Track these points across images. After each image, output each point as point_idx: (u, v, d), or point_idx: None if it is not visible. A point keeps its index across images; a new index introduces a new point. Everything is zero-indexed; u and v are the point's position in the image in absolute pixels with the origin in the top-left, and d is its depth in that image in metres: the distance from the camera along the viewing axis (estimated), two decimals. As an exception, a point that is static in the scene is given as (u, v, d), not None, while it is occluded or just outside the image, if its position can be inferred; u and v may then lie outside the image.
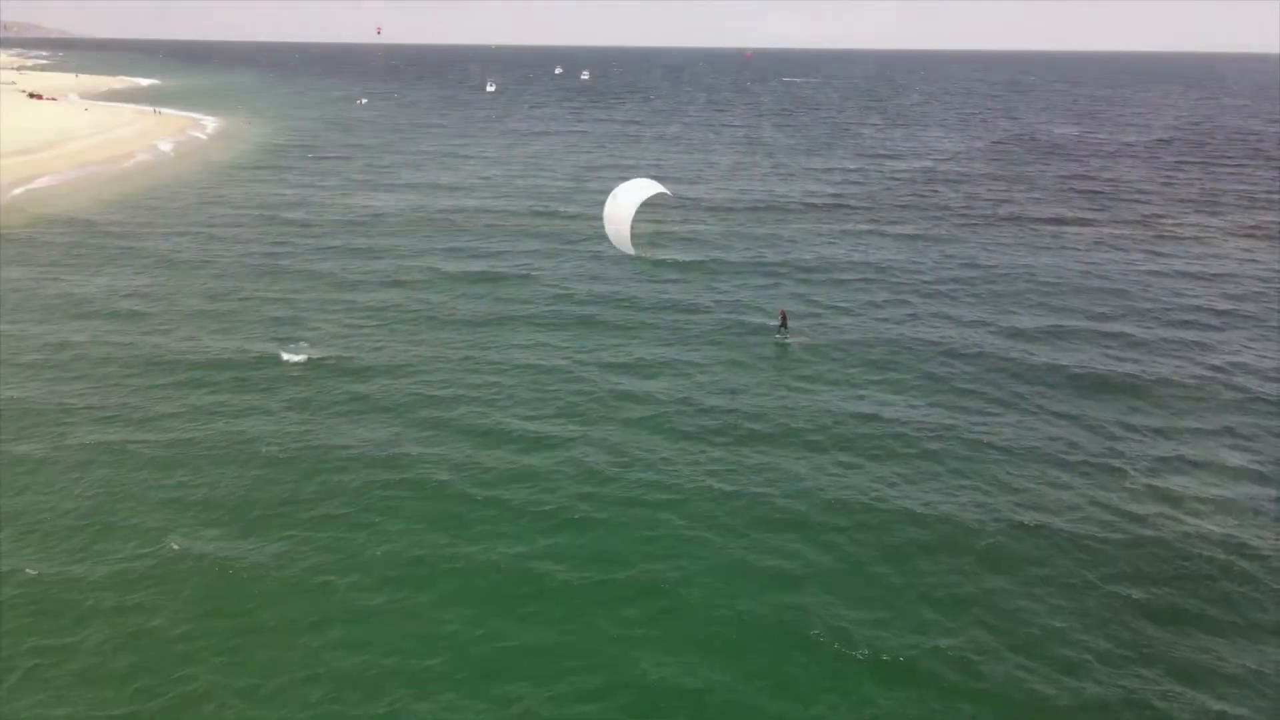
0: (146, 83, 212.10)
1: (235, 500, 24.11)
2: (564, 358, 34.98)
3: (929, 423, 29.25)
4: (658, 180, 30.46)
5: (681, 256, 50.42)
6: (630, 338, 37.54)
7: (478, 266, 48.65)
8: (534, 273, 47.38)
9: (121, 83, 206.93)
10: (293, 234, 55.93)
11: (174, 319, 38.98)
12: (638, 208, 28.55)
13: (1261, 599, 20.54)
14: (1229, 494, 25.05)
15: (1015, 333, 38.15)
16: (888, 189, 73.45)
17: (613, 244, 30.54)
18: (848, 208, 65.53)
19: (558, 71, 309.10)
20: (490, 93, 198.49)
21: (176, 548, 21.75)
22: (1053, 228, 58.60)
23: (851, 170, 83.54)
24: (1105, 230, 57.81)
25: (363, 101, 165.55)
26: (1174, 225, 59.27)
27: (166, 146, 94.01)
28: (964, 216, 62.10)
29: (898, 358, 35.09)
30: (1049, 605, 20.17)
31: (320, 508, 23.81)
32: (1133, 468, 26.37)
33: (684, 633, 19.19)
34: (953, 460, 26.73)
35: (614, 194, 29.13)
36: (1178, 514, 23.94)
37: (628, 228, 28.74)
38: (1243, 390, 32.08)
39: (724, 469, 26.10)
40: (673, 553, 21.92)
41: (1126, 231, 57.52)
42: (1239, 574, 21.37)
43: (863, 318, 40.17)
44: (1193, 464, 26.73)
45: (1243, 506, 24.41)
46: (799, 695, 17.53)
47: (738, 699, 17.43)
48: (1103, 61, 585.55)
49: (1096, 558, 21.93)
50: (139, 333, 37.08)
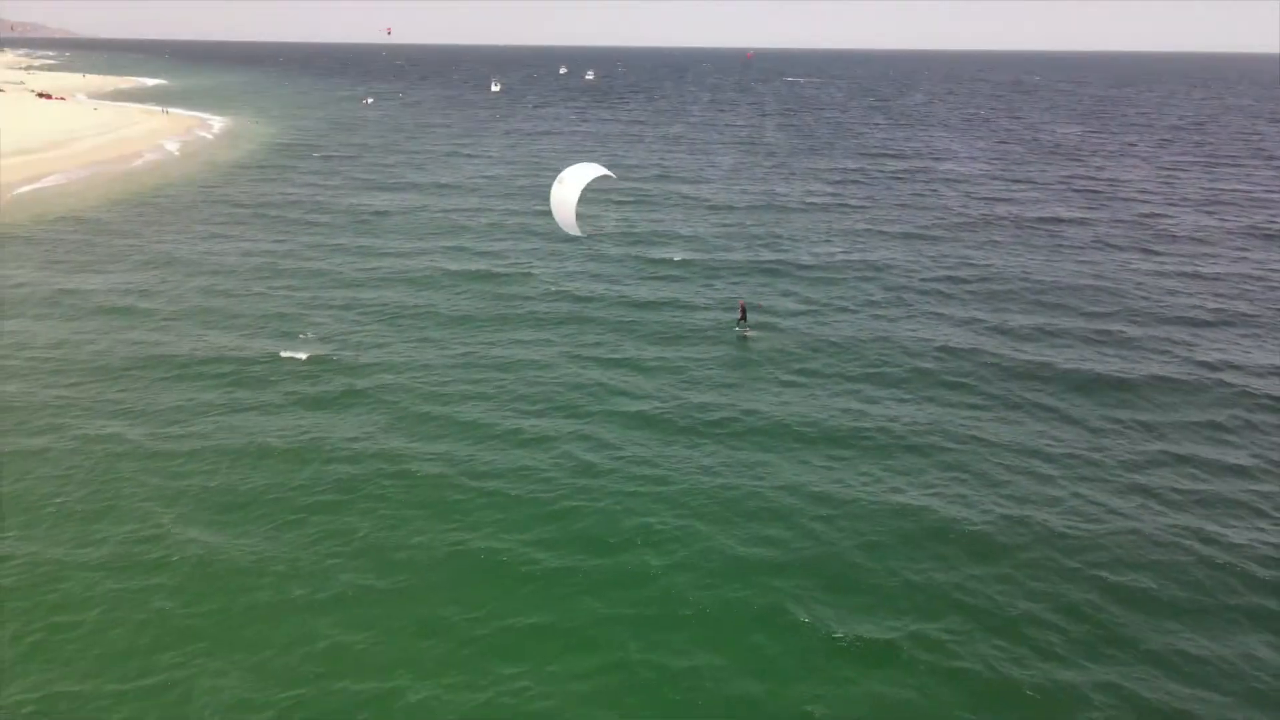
0: (152, 82, 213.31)
1: (235, 489, 24.72)
2: (561, 354, 35.54)
3: (916, 417, 29.75)
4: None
5: (680, 255, 50.99)
6: (627, 334, 38.10)
7: (478, 265, 49.23)
8: (534, 271, 47.94)
9: (128, 82, 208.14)
10: (296, 232, 56.60)
11: (176, 316, 39.62)
12: (581, 190, 29.74)
13: (1239, 590, 21.00)
14: (1212, 489, 25.51)
15: (1006, 330, 38.61)
16: (888, 188, 73.88)
17: (560, 227, 31.45)
18: (847, 207, 65.99)
19: (562, 71, 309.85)
20: (495, 92, 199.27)
21: (177, 534, 22.37)
22: (1050, 227, 58.98)
23: (852, 170, 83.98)
24: (1102, 230, 58.17)
25: (368, 101, 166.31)
26: (1172, 225, 59.61)
27: (173, 146, 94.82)
28: (962, 216, 62.51)
29: (888, 354, 35.58)
30: (1027, 594, 20.67)
31: (319, 496, 24.42)
32: (1117, 462, 26.85)
33: (671, 617, 19.78)
34: (938, 454, 27.24)
35: (560, 178, 30.14)
36: (1160, 507, 24.43)
37: (572, 210, 29.89)
38: (1230, 387, 32.49)
39: (715, 462, 26.64)
40: (661, 541, 22.49)
41: (1123, 231, 57.88)
42: (1218, 566, 21.83)
43: (858, 314, 40.66)
44: (1179, 459, 27.19)
45: (1225, 501, 24.87)
46: (781, 676, 18.10)
47: (722, 679, 18.01)
48: (1104, 62, 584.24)
49: (1077, 549, 22.41)
50: (144, 329, 37.73)
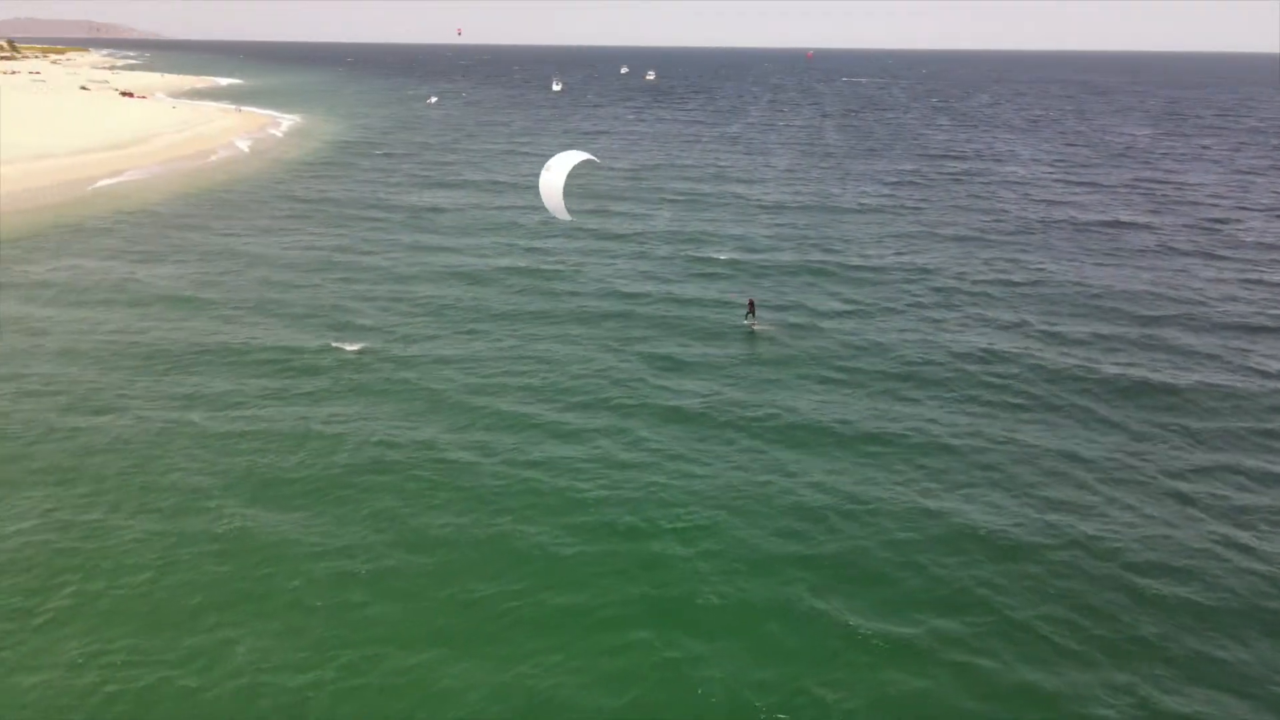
0: (226, 81, 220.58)
1: (282, 469, 25.77)
2: (604, 349, 36.10)
3: (955, 419, 29.57)
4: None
5: (728, 255, 51.20)
6: (670, 331, 38.47)
7: (528, 261, 50.09)
8: (582, 268, 48.62)
9: (204, 82, 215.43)
10: (353, 228, 58.25)
11: (234, 305, 41.21)
12: (567, 174, 31.85)
13: (1274, 600, 20.54)
14: (1257, 499, 24.90)
15: (1053, 334, 38.01)
16: (945, 190, 72.96)
17: (551, 213, 33.62)
18: (901, 208, 65.38)
19: (623, 71, 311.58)
20: (556, 91, 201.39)
21: (225, 507, 23.47)
22: (1110, 231, 57.70)
23: (909, 171, 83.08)
24: (1165, 234, 56.67)
25: (433, 100, 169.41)
26: (1239, 230, 57.80)
27: (244, 144, 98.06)
28: (1020, 219, 61.48)
29: (931, 355, 35.34)
30: (1053, 596, 20.53)
31: (361, 477, 25.34)
32: (1158, 468, 26.37)
33: (696, 602, 20.23)
34: (974, 455, 27.07)
35: (547, 165, 31.99)
36: (1199, 514, 23.95)
37: (560, 195, 31.81)
38: (1286, 397, 31.57)
39: (748, 459, 26.89)
40: (690, 531, 22.89)
41: (1187, 236, 56.32)
42: (1258, 575, 21.36)
43: (903, 315, 40.42)
44: (1224, 468, 26.58)
45: (1270, 510, 24.25)
46: (799, 663, 18.38)
47: (741, 663, 18.39)
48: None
49: (1108, 555, 22.13)
50: (203, 318, 39.33)
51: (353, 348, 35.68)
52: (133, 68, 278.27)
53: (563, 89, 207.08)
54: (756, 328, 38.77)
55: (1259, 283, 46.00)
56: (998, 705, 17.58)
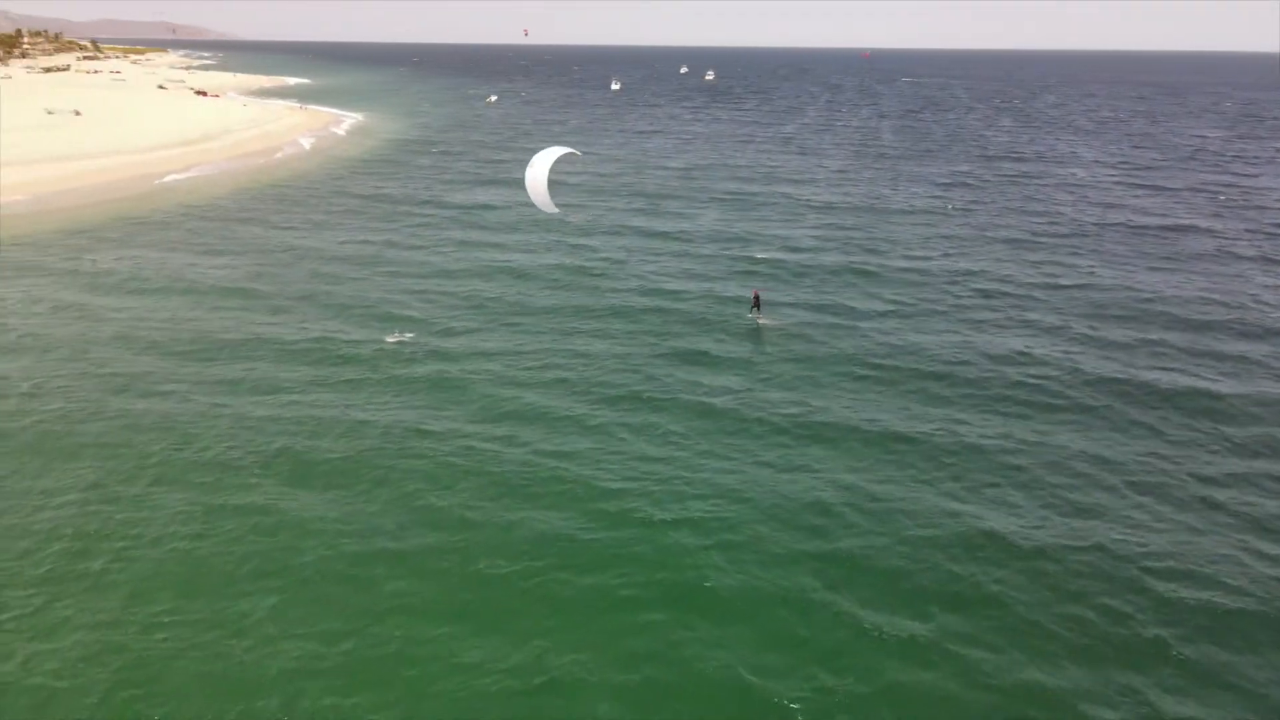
0: (294, 81, 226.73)
1: (320, 452, 26.74)
2: (642, 346, 36.53)
3: (987, 421, 29.32)
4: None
5: (773, 255, 51.23)
6: (708, 330, 38.72)
7: (573, 259, 50.76)
8: (625, 265, 49.12)
9: (273, 81, 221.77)
10: (404, 224, 59.67)
11: (285, 298, 42.63)
12: (550, 167, 33.48)
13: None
14: (1294, 508, 24.28)
15: (1095, 338, 37.32)
16: (1000, 192, 71.79)
17: (538, 207, 35.02)
18: (953, 210, 64.56)
19: (683, 71, 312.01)
20: (614, 91, 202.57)
21: (265, 486, 24.52)
22: (1169, 235, 56.23)
23: (963, 173, 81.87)
24: (1226, 240, 55.03)
25: (493, 99, 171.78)
26: (1305, 236, 55.83)
27: (307, 141, 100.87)
28: (1074, 222, 60.25)
29: (967, 357, 35.00)
30: (1069, 599, 20.38)
31: (396, 463, 26.18)
32: (1191, 475, 25.85)
33: (712, 590, 20.60)
34: (1002, 456, 26.86)
35: (530, 162, 33.32)
36: (1230, 523, 23.45)
37: (545, 188, 33.28)
38: (1337, 407, 30.59)
39: (775, 456, 27.07)
40: (710, 523, 23.19)
41: (1250, 241, 54.60)
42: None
43: (944, 317, 40.06)
44: (1266, 476, 25.92)
45: (1306, 521, 23.65)
46: (807, 654, 18.62)
47: (751, 650, 18.71)
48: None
49: (1131, 561, 21.83)
50: (255, 310, 40.79)
51: (395, 339, 36.70)
52: (207, 67, 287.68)
53: (621, 88, 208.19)
54: (762, 321, 38.91)
55: (1321, 290, 44.48)
56: (1006, 703, 17.58)
